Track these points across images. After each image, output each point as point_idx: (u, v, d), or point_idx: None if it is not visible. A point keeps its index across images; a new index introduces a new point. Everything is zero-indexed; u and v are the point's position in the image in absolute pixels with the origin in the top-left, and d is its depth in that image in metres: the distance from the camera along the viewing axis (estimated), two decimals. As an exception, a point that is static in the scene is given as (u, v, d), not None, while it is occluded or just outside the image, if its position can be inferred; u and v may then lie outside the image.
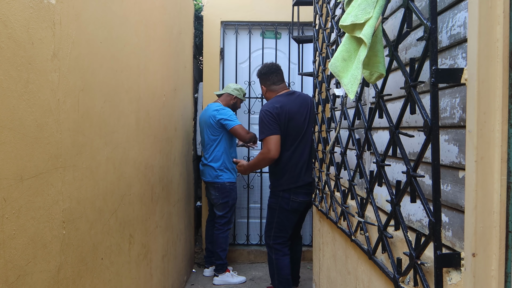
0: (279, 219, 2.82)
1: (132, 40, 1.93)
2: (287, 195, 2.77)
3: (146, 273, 2.18)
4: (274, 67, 2.96)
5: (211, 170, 3.44)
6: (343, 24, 1.29)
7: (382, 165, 1.34)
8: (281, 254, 2.83)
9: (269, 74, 2.94)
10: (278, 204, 2.81)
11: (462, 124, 1.05)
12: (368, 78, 1.31)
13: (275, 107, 2.73)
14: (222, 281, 3.48)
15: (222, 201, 3.45)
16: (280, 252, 2.83)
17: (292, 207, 2.78)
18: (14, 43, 1.00)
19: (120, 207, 1.76)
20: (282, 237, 2.83)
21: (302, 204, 2.79)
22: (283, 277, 2.81)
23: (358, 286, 1.71)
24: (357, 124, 1.84)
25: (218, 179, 3.43)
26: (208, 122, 3.45)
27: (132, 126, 1.93)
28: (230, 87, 3.57)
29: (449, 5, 1.11)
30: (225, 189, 3.44)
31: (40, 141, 1.12)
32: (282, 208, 2.80)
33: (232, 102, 3.55)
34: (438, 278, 1.00)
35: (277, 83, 2.94)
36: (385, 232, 1.35)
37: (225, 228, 3.48)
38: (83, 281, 1.39)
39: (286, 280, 2.82)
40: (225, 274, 3.50)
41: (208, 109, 3.49)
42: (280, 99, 2.81)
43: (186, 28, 3.53)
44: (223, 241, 3.46)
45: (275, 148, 2.68)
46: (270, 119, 2.69)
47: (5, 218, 0.96)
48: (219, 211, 3.48)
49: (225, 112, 3.38)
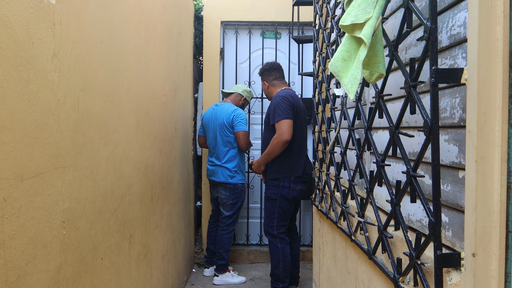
0: (280, 208, 2.93)
1: (132, 40, 1.93)
2: (287, 184, 2.90)
3: (146, 273, 2.18)
4: (276, 64, 3.15)
5: (225, 171, 3.41)
6: (343, 24, 1.29)
7: (382, 165, 1.34)
8: (285, 242, 2.95)
9: (271, 70, 3.10)
10: (279, 193, 2.92)
11: (462, 124, 1.05)
12: (368, 78, 1.31)
13: (292, 96, 2.89)
14: (222, 281, 3.48)
15: (232, 202, 3.44)
16: (284, 241, 2.95)
17: (292, 196, 2.92)
18: (14, 43, 1.00)
19: (120, 207, 1.76)
20: (284, 226, 2.96)
21: (301, 192, 2.96)
22: (287, 265, 2.92)
23: (358, 286, 1.71)
24: (357, 124, 1.84)
25: (232, 179, 3.42)
26: (222, 122, 3.39)
27: (132, 126, 1.93)
28: (240, 87, 3.54)
29: (449, 5, 1.11)
30: (237, 190, 3.44)
31: (40, 141, 1.12)
32: (283, 197, 2.91)
33: (241, 103, 3.54)
34: (438, 278, 1.00)
35: (279, 79, 3.10)
36: (385, 232, 1.35)
37: (230, 228, 3.48)
38: (83, 281, 1.39)
39: (289, 268, 2.94)
40: (226, 274, 3.50)
41: (222, 110, 3.42)
42: (291, 93, 2.95)
43: (186, 28, 3.53)
44: (227, 242, 3.46)
45: (288, 131, 2.77)
46: (287, 105, 2.81)
47: (5, 218, 0.96)
48: (227, 211, 3.47)
49: (240, 114, 3.38)
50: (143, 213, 2.12)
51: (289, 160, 2.90)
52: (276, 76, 3.09)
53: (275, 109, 2.83)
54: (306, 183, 2.99)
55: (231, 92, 3.55)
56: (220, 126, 3.41)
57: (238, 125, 3.35)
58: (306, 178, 2.97)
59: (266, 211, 2.99)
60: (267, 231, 2.99)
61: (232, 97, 3.53)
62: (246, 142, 3.38)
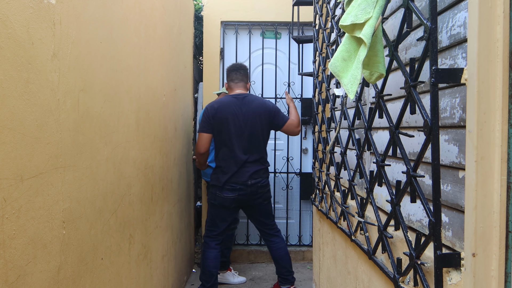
0: (209, 213, 3.04)
1: (132, 40, 1.93)
2: (214, 191, 2.96)
3: (146, 273, 2.18)
4: (237, 66, 3.08)
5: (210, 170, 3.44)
6: (343, 24, 1.29)
7: (382, 165, 1.34)
8: (207, 246, 2.99)
9: (231, 71, 3.07)
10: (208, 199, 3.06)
11: (462, 124, 1.05)
12: (368, 78, 1.31)
13: (213, 107, 2.92)
14: (223, 279, 3.48)
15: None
16: (207, 245, 2.99)
17: (219, 202, 2.94)
18: (14, 43, 1.00)
19: (120, 207, 1.76)
20: (213, 231, 3.00)
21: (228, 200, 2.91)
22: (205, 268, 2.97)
23: (358, 286, 1.71)
24: (357, 124, 1.84)
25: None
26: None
27: (132, 126, 1.93)
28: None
29: (449, 5, 1.11)
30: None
31: (40, 141, 1.12)
32: (210, 203, 3.03)
33: None
34: (438, 278, 1.00)
35: (234, 81, 3.04)
36: (385, 232, 1.35)
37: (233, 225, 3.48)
38: (83, 281, 1.39)
39: (207, 271, 2.97)
40: (227, 272, 3.50)
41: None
42: (224, 100, 2.95)
43: (186, 28, 3.53)
44: (229, 239, 3.46)
45: (201, 144, 2.90)
46: (205, 117, 2.91)
47: (5, 218, 0.96)
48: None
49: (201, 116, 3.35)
50: (143, 213, 2.12)
51: (217, 168, 2.96)
52: (233, 78, 3.04)
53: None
54: (236, 191, 2.89)
55: (220, 92, 3.55)
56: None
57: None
58: (234, 186, 2.88)
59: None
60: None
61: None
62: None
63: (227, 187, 2.89)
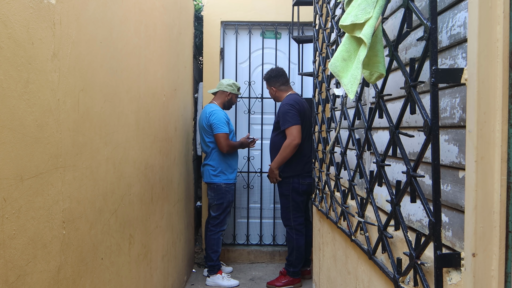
0: (293, 202, 3.31)
1: (132, 40, 1.93)
2: (297, 180, 3.27)
3: (146, 273, 2.18)
4: (281, 70, 3.44)
5: (209, 171, 3.44)
6: (343, 24, 1.29)
7: (382, 165, 1.34)
8: (300, 234, 3.32)
9: (278, 77, 3.39)
10: (291, 189, 3.30)
11: (462, 124, 1.05)
12: (368, 78, 1.31)
13: (297, 102, 3.23)
14: (213, 283, 3.45)
15: (217, 202, 3.43)
16: (300, 233, 3.32)
17: (302, 189, 3.29)
18: (14, 43, 1.00)
19: (120, 207, 1.76)
20: (301, 217, 3.33)
21: (309, 186, 3.28)
22: (300, 254, 3.33)
23: (358, 286, 1.71)
24: (357, 124, 1.84)
25: (215, 179, 3.42)
26: (201, 124, 3.46)
27: (132, 126, 1.93)
28: (222, 83, 3.52)
29: (449, 5, 1.11)
30: (221, 191, 3.42)
31: (40, 141, 1.12)
32: (295, 192, 3.30)
33: (227, 98, 3.51)
34: (438, 278, 1.00)
35: (285, 84, 3.41)
36: (385, 232, 1.35)
37: (217, 229, 3.45)
38: (83, 281, 1.39)
39: (302, 256, 3.35)
40: (217, 276, 3.45)
41: (203, 112, 3.49)
42: (297, 98, 3.28)
43: (186, 28, 3.53)
44: (214, 243, 3.43)
45: (298, 136, 3.17)
46: (294, 112, 3.18)
47: (5, 218, 0.96)
48: (214, 212, 3.46)
49: (216, 117, 3.37)
50: (143, 213, 2.12)
51: (298, 159, 3.25)
52: (283, 81, 3.39)
53: (284, 116, 3.18)
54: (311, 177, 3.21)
55: (216, 91, 3.55)
56: (201, 129, 3.49)
57: (215, 129, 3.36)
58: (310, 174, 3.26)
59: (282, 206, 3.40)
60: (285, 223, 3.38)
61: (217, 95, 3.54)
62: (225, 144, 3.35)
63: (306, 175, 3.28)
